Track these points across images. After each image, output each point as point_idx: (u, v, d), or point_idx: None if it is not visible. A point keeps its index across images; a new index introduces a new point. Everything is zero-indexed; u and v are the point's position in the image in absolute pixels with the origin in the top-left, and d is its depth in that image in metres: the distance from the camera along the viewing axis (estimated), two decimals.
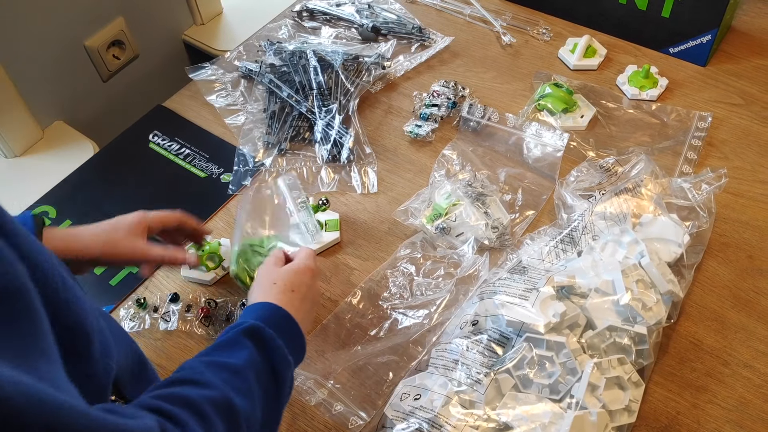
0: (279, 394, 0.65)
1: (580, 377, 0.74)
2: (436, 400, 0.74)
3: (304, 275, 0.78)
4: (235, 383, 0.60)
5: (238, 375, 0.61)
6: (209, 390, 0.57)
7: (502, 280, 0.84)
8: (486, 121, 1.10)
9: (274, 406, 0.65)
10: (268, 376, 0.64)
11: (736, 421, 0.80)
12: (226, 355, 0.63)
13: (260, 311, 0.71)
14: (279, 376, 0.65)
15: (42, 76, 1.21)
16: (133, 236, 0.82)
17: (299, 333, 0.71)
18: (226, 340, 0.65)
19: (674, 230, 0.89)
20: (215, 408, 0.56)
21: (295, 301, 0.74)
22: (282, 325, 0.70)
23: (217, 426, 0.55)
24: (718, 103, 1.13)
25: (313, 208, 0.97)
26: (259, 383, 0.62)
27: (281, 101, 1.15)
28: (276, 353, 0.65)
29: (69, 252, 0.78)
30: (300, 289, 0.76)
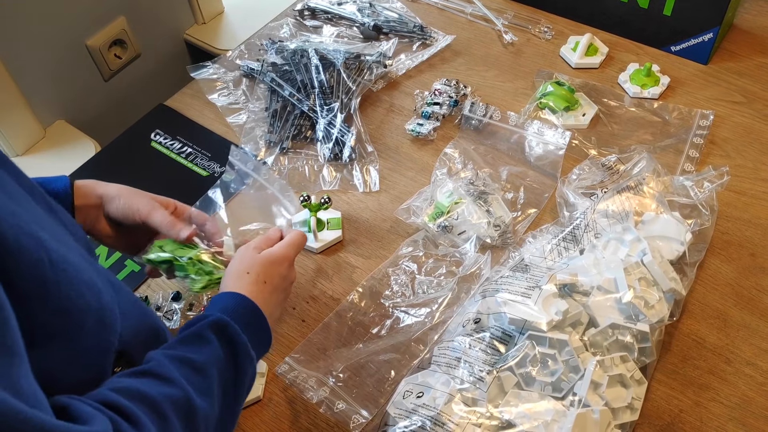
0: (238, 393, 0.65)
1: (582, 375, 0.74)
2: (438, 398, 0.74)
3: (279, 266, 0.77)
4: (197, 382, 0.60)
5: (200, 373, 0.61)
6: (171, 388, 0.57)
7: (504, 278, 0.84)
8: (488, 120, 1.10)
9: (233, 403, 0.65)
10: (229, 372, 0.64)
11: (738, 418, 0.80)
12: (191, 350, 0.62)
13: (229, 302, 0.70)
14: (240, 372, 0.65)
15: (44, 75, 1.22)
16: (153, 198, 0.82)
17: (265, 327, 0.71)
18: (191, 334, 0.64)
19: (676, 228, 0.89)
20: (175, 407, 0.56)
21: (266, 292, 0.74)
22: (249, 319, 0.69)
23: (175, 426, 0.55)
24: (719, 101, 1.13)
25: (315, 206, 0.97)
26: (220, 380, 0.62)
27: (283, 100, 1.15)
28: (239, 349, 0.65)
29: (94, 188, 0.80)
30: (272, 280, 0.75)
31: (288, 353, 0.87)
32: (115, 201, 0.80)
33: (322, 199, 0.98)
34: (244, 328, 0.67)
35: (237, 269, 0.75)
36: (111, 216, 0.80)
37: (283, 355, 0.87)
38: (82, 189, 0.79)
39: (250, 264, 0.75)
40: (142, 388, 0.56)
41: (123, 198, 0.80)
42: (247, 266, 0.75)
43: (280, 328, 0.90)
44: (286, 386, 0.85)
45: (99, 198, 0.80)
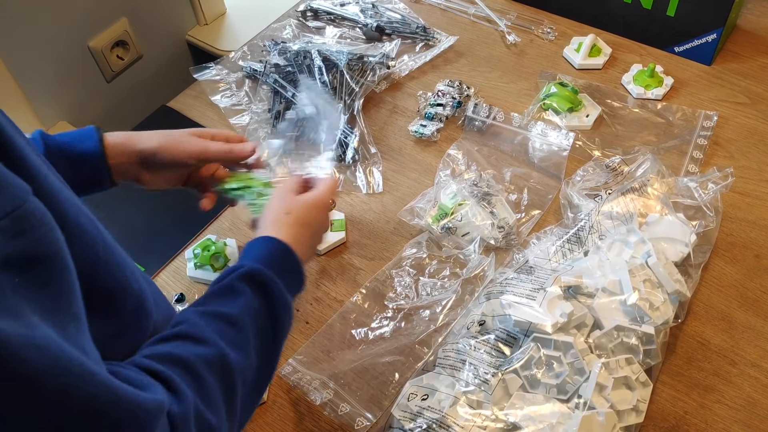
0: (276, 337, 0.64)
1: (587, 377, 0.74)
2: (443, 401, 0.74)
3: (321, 211, 0.76)
4: (231, 336, 0.59)
5: (234, 326, 0.60)
6: (204, 347, 0.57)
7: (509, 280, 0.84)
8: (491, 121, 1.10)
9: (271, 351, 0.64)
10: (265, 320, 0.63)
11: (743, 421, 0.80)
12: (223, 304, 0.62)
13: (263, 249, 0.68)
14: (277, 319, 0.64)
15: (46, 76, 1.21)
16: (191, 135, 0.82)
17: (299, 270, 0.70)
18: (223, 287, 0.63)
19: (681, 230, 0.89)
20: (209, 366, 0.56)
21: (303, 236, 0.72)
22: (283, 264, 0.68)
23: (211, 385, 0.56)
24: (723, 102, 1.13)
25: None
26: (255, 330, 0.61)
27: (286, 101, 1.15)
28: (274, 296, 0.64)
29: (129, 145, 0.78)
30: (311, 225, 0.74)
31: (292, 355, 0.87)
32: (158, 155, 0.79)
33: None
34: (278, 274, 0.65)
35: (276, 209, 0.74)
36: (155, 167, 0.80)
37: (286, 356, 0.87)
38: (117, 147, 0.77)
39: (290, 205, 0.74)
40: (174, 351, 0.56)
41: (166, 150, 0.79)
42: (288, 207, 0.74)
43: None
44: (290, 388, 0.85)
45: (137, 155, 0.79)
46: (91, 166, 0.76)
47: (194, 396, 0.53)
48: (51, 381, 0.39)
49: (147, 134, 0.80)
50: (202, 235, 1.02)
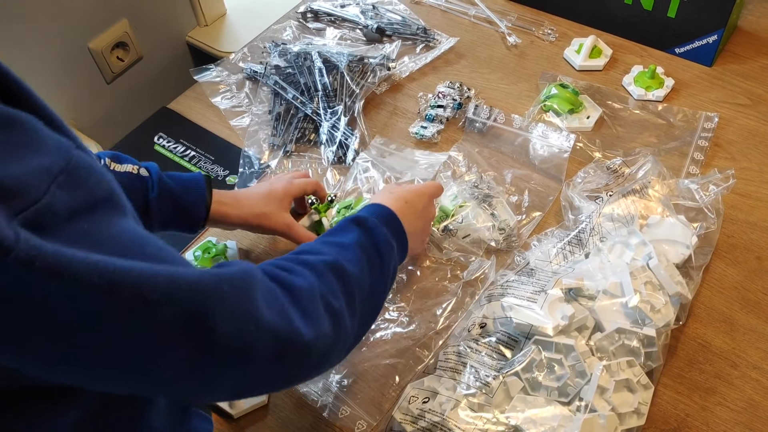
0: (384, 272, 0.70)
1: (589, 380, 0.74)
2: (444, 403, 0.74)
3: (422, 196, 0.83)
4: (346, 255, 0.65)
5: (348, 249, 0.66)
6: (323, 256, 0.64)
7: (509, 283, 0.83)
8: (492, 122, 1.10)
9: (380, 282, 0.69)
10: (374, 255, 0.69)
11: (745, 423, 0.80)
12: (336, 236, 0.69)
13: (371, 209, 0.76)
14: (383, 257, 0.69)
15: (46, 78, 1.21)
16: (281, 210, 0.90)
17: (402, 231, 0.75)
18: (336, 228, 0.71)
19: (682, 231, 0.88)
20: (330, 267, 0.62)
21: (408, 212, 0.78)
22: (388, 220, 0.74)
23: (331, 280, 0.61)
24: (724, 103, 1.13)
25: (324, 207, 0.97)
26: (366, 259, 0.67)
27: (286, 103, 1.14)
28: (380, 237, 0.70)
29: (229, 216, 0.87)
30: (415, 204, 0.81)
31: None
32: (254, 229, 0.91)
33: (329, 198, 0.97)
34: (383, 223, 0.72)
35: (382, 191, 0.84)
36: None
37: None
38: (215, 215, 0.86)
39: (395, 188, 0.83)
40: (299, 257, 0.63)
41: (261, 226, 0.89)
42: (392, 188, 0.83)
43: None
44: (291, 390, 0.85)
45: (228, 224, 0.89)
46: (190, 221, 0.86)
47: (316, 280, 0.59)
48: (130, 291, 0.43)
49: (247, 209, 0.88)
50: (202, 237, 1.01)
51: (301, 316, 0.55)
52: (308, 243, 0.69)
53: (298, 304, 0.56)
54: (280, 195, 0.90)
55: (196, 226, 0.86)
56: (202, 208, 0.84)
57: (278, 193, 0.90)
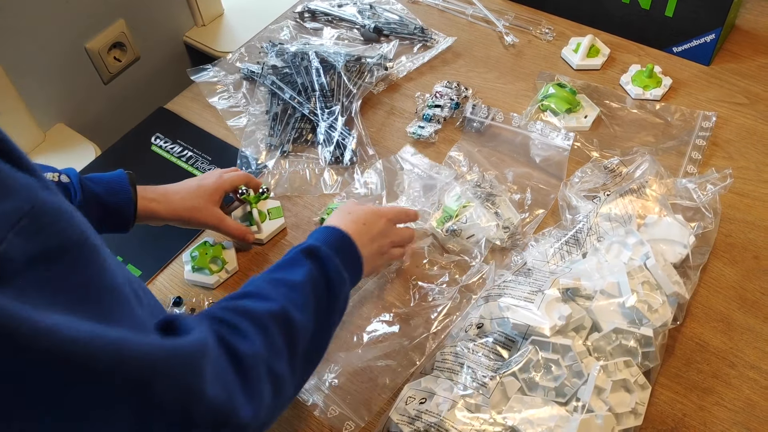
0: (332, 308, 0.69)
1: (586, 380, 0.74)
2: (441, 404, 0.73)
3: (381, 217, 0.83)
4: (294, 297, 0.64)
5: (296, 290, 0.65)
6: (269, 303, 0.62)
7: (507, 283, 0.83)
8: (490, 122, 1.09)
9: (328, 320, 0.69)
10: (324, 291, 0.68)
11: (742, 423, 0.80)
12: (286, 272, 0.68)
13: (325, 233, 0.75)
14: (333, 290, 0.69)
15: (43, 78, 1.21)
16: (212, 203, 0.91)
17: (357, 255, 0.75)
18: (284, 261, 0.70)
19: (679, 231, 0.88)
20: (274, 319, 0.61)
21: (364, 234, 0.78)
22: (341, 246, 0.74)
23: (275, 337, 0.60)
24: (722, 102, 1.13)
25: (255, 198, 0.98)
26: (315, 297, 0.66)
27: (283, 103, 1.14)
28: (331, 270, 0.69)
29: (159, 212, 0.86)
30: (372, 226, 0.80)
31: None
32: (185, 224, 0.90)
33: (261, 190, 0.98)
34: (335, 252, 0.71)
35: (339, 210, 0.83)
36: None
37: None
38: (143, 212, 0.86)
39: (351, 208, 0.83)
40: (241, 304, 0.62)
41: (191, 222, 0.89)
42: (349, 208, 0.82)
43: None
44: None
45: (158, 220, 0.88)
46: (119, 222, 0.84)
47: (261, 342, 0.58)
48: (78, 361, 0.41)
49: (176, 204, 0.88)
50: (199, 237, 1.01)
51: (243, 389, 0.54)
52: (256, 280, 0.67)
53: (243, 375, 0.55)
54: (211, 189, 0.91)
55: (127, 226, 0.85)
56: (130, 208, 0.83)
57: (208, 188, 0.91)
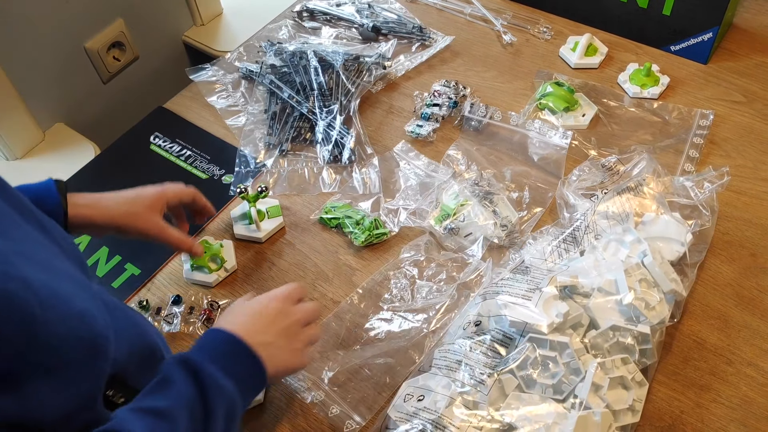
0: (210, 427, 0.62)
1: (583, 377, 0.74)
2: (439, 401, 0.74)
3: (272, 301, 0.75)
4: (162, 429, 0.58)
5: (165, 418, 0.59)
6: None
7: (504, 281, 0.84)
8: (488, 120, 1.10)
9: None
10: (199, 408, 0.61)
11: (740, 419, 0.80)
12: (155, 398, 0.61)
13: (204, 339, 0.68)
14: (210, 405, 0.62)
15: (42, 78, 1.21)
16: (152, 212, 0.86)
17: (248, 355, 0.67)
18: (156, 381, 0.62)
19: (677, 229, 0.89)
20: None
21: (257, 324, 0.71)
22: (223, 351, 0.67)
23: None
24: (719, 100, 1.13)
25: (253, 197, 0.98)
26: (190, 418, 0.60)
27: (282, 102, 1.15)
28: (206, 382, 0.62)
29: (93, 218, 0.81)
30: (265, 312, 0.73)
31: None
32: (123, 233, 0.84)
33: (259, 188, 0.98)
34: (213, 358, 0.64)
35: (225, 312, 0.75)
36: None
37: None
38: (77, 208, 0.80)
39: (237, 305, 0.75)
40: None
41: (130, 230, 0.84)
42: (234, 307, 0.75)
43: None
44: (283, 386, 0.85)
45: (94, 228, 0.83)
46: None
47: None
48: None
49: (112, 208, 0.83)
50: (198, 236, 1.02)
51: None
52: (121, 412, 0.59)
53: None
54: (151, 197, 0.86)
55: None
56: (60, 215, 0.78)
57: (148, 196, 0.86)
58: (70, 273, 0.59)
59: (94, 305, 0.57)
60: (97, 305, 0.57)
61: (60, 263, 0.59)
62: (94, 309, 0.57)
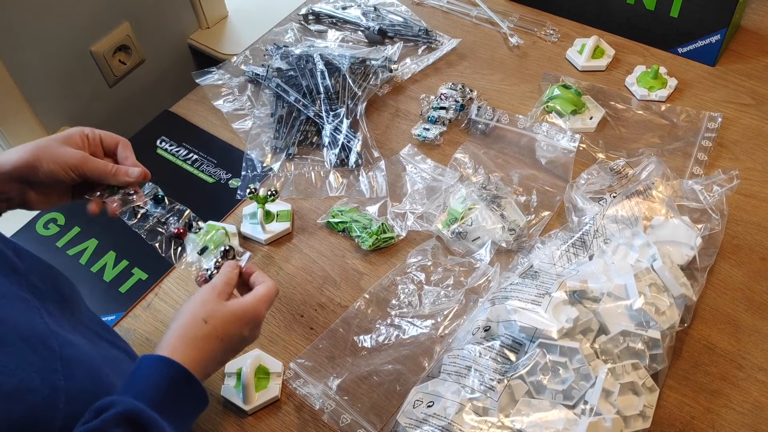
0: None
1: (594, 383, 0.73)
2: (449, 407, 0.73)
3: (245, 326, 0.67)
4: None
5: None
6: None
7: (513, 285, 0.83)
8: (495, 123, 1.09)
9: None
10: None
11: (751, 425, 0.79)
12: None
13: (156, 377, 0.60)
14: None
15: (48, 81, 1.21)
16: (70, 145, 0.72)
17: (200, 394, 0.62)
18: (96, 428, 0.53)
19: (686, 233, 0.88)
20: None
21: (215, 352, 0.65)
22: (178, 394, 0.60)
23: None
24: (728, 103, 1.13)
25: (262, 198, 0.98)
26: None
27: (288, 106, 1.14)
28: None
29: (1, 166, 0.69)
30: (230, 340, 0.66)
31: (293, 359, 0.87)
32: (39, 167, 0.69)
33: (269, 192, 0.98)
34: (166, 410, 0.58)
35: (194, 312, 0.65)
36: (38, 183, 0.71)
37: (288, 361, 0.87)
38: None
39: (211, 312, 0.66)
40: None
41: (45, 161, 0.69)
42: (208, 313, 0.65)
43: (288, 336, 0.90)
44: (293, 393, 0.85)
45: (14, 170, 0.69)
46: None
47: None
48: None
49: (13, 150, 0.70)
50: None
51: None
52: None
53: None
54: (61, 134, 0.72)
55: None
56: None
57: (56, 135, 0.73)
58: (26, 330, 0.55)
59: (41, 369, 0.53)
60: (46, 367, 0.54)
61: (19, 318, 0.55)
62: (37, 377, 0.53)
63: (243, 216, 1.02)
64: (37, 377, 0.53)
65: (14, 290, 0.58)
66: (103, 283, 0.97)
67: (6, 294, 0.57)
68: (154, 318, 0.94)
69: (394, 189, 1.05)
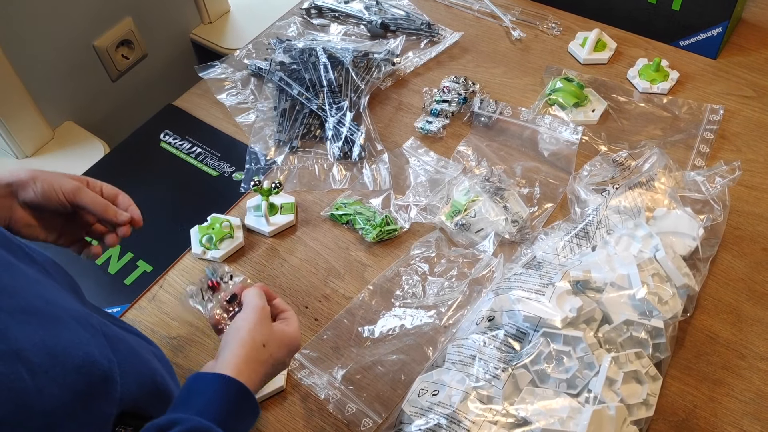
0: None
1: (597, 372, 0.74)
2: (454, 396, 0.74)
3: (289, 354, 0.72)
4: None
5: None
6: None
7: (517, 276, 0.84)
8: (498, 116, 1.10)
9: None
10: None
11: (753, 413, 0.80)
12: None
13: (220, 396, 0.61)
14: None
15: (51, 76, 1.22)
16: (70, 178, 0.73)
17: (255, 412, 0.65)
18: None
19: (689, 223, 0.89)
20: None
21: (268, 375, 0.70)
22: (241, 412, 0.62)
23: None
24: (729, 95, 1.13)
25: (266, 191, 0.98)
26: None
27: (292, 99, 1.15)
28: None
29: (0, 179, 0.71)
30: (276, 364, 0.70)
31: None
32: (32, 185, 0.71)
33: (273, 184, 0.98)
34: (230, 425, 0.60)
35: (254, 337, 0.68)
36: (29, 202, 0.72)
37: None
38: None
39: (268, 337, 0.69)
40: None
41: (40, 181, 0.71)
42: (265, 338, 0.69)
43: None
44: (298, 384, 0.85)
45: (8, 186, 0.71)
46: None
47: None
48: None
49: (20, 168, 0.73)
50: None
51: None
52: None
53: None
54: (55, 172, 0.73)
55: None
56: None
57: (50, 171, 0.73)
58: (73, 310, 0.57)
59: (96, 345, 0.55)
60: (99, 343, 0.56)
61: (62, 300, 0.57)
62: (96, 351, 0.55)
63: (247, 209, 1.02)
64: (96, 351, 0.55)
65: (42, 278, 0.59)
66: (108, 275, 0.98)
67: (39, 279, 0.58)
68: (159, 310, 0.94)
69: (397, 181, 1.05)
